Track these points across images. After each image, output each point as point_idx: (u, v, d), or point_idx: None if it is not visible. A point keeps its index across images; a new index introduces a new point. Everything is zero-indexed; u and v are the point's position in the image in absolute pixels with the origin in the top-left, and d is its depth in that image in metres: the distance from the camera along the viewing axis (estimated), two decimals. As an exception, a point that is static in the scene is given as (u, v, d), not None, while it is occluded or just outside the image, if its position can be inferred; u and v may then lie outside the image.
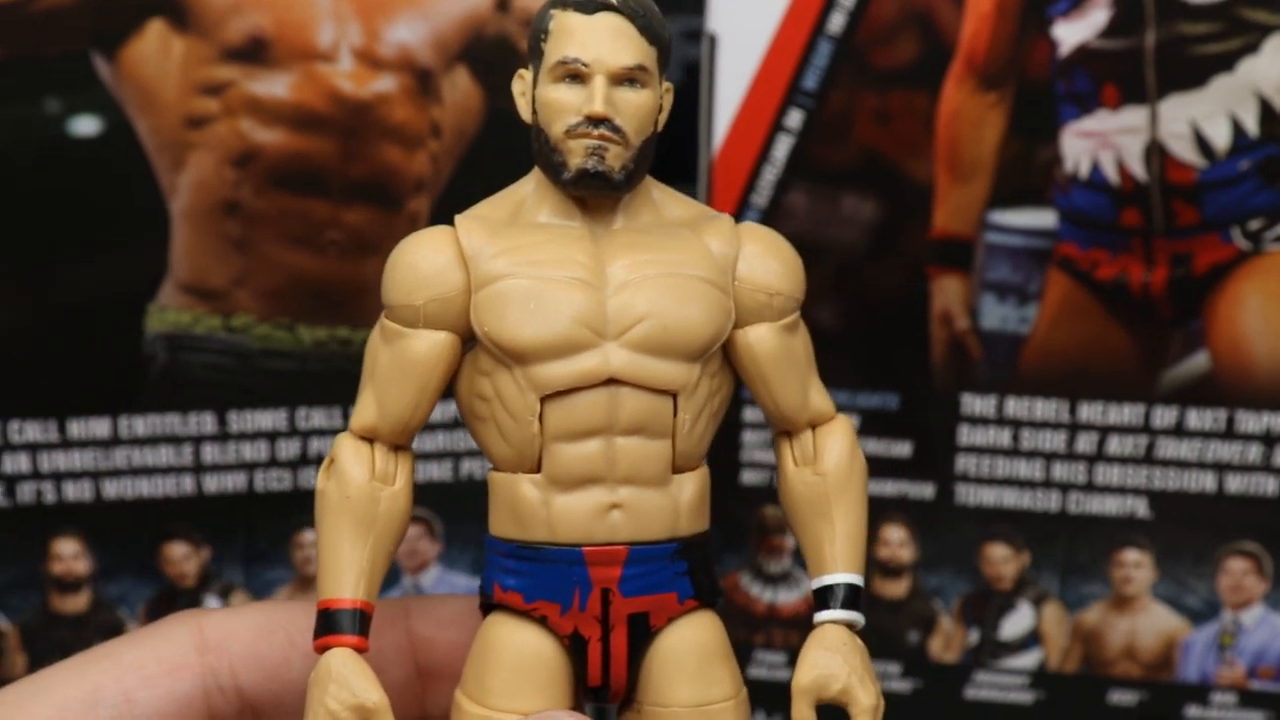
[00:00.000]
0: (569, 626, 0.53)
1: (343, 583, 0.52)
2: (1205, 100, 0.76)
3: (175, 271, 0.76)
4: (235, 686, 0.57)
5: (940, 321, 0.81)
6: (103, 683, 0.54)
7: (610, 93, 0.52)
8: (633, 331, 0.52)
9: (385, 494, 0.53)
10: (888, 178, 0.79)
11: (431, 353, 0.53)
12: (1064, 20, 0.77)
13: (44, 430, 0.77)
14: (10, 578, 0.78)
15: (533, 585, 0.53)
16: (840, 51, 0.78)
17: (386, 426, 0.54)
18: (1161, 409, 0.80)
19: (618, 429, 0.52)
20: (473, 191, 0.78)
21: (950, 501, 0.83)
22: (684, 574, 0.53)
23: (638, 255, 0.53)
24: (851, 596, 0.54)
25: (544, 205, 0.54)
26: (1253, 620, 0.83)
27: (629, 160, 0.53)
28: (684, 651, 0.53)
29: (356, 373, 0.53)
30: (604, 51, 0.52)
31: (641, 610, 0.53)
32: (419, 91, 0.77)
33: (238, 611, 0.58)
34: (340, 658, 0.51)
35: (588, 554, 0.52)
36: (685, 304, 0.52)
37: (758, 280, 0.54)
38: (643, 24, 0.53)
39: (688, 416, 0.53)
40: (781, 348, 0.54)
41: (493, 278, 0.52)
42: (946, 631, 0.85)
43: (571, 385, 0.52)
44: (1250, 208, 0.77)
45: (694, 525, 0.54)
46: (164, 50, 0.74)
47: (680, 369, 0.52)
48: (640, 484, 0.52)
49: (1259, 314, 0.79)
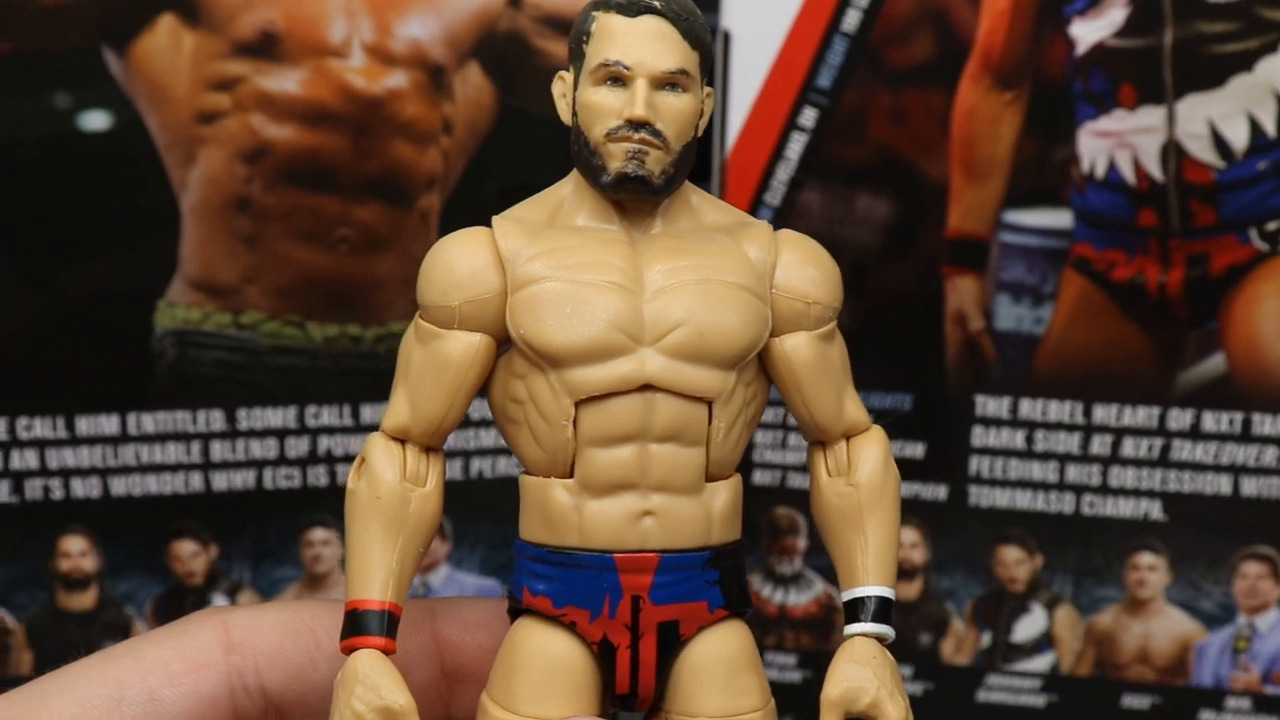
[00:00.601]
0: (598, 633, 0.52)
1: (371, 584, 0.52)
2: (1223, 100, 0.75)
3: (185, 267, 0.76)
4: (260, 686, 0.56)
5: (954, 322, 0.80)
6: (127, 680, 0.54)
7: (652, 96, 0.52)
8: (669, 337, 0.52)
9: (416, 495, 0.53)
10: (902, 177, 0.78)
11: (466, 354, 0.53)
12: (1081, 19, 0.76)
13: (52, 427, 0.77)
14: (17, 574, 0.78)
15: (562, 590, 0.52)
16: (855, 49, 0.77)
17: (419, 427, 0.54)
18: (1177, 411, 0.80)
19: (652, 435, 0.52)
20: (484, 188, 0.79)
21: (963, 503, 0.82)
22: (715, 583, 0.53)
23: (675, 260, 0.53)
24: (882, 609, 0.54)
25: (582, 208, 0.54)
26: (1268, 624, 0.82)
27: (669, 165, 0.52)
28: (713, 661, 0.53)
29: (367, 370, 0.53)
30: (646, 55, 0.52)
31: (671, 618, 0.53)
32: (431, 87, 0.77)
33: (262, 610, 0.58)
34: (367, 659, 0.51)
35: (619, 560, 0.52)
36: (722, 311, 0.52)
37: (795, 288, 0.54)
38: (686, 27, 0.52)
39: (722, 424, 0.52)
40: (818, 357, 0.54)
41: (529, 280, 0.52)
42: (959, 634, 0.84)
43: (606, 390, 0.51)
44: (1268, 208, 0.77)
45: (726, 534, 0.53)
46: (175, 45, 0.74)
47: (716, 376, 0.52)
48: (673, 491, 0.52)
49: (1276, 316, 0.78)
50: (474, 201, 0.78)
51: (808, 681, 0.85)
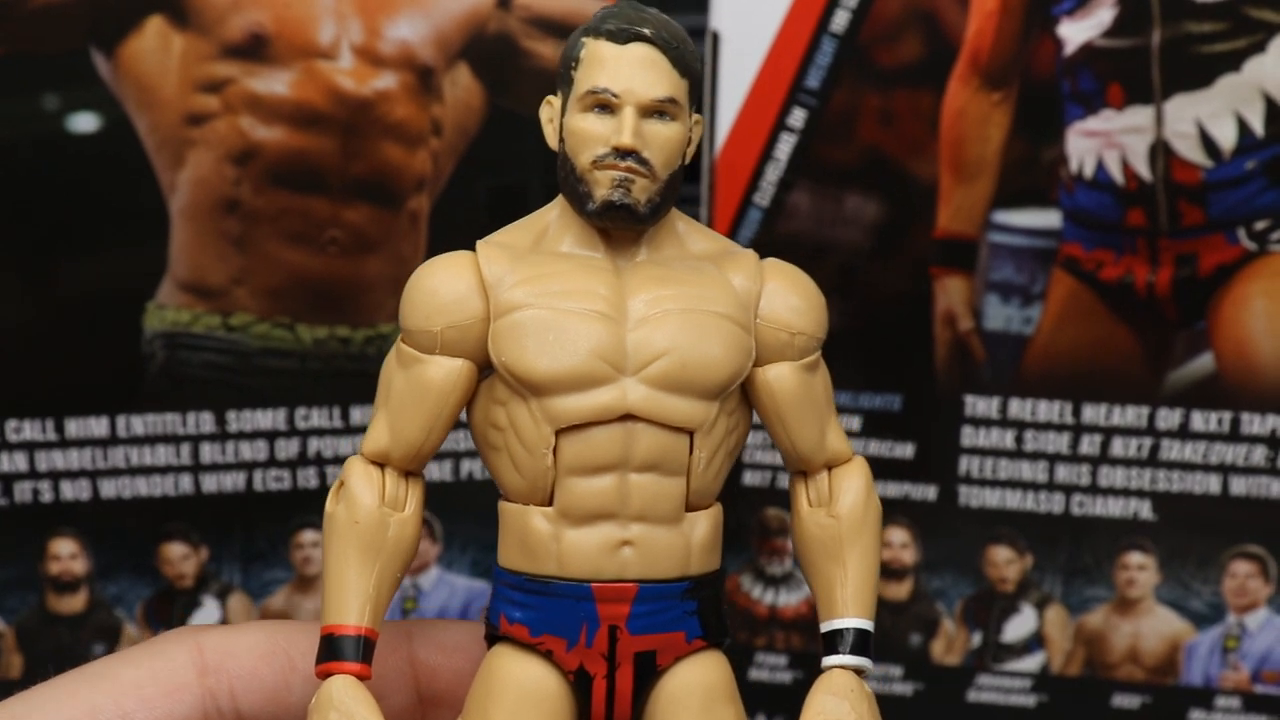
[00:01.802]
0: (574, 662, 0.52)
1: (347, 609, 0.52)
2: (1211, 100, 0.76)
3: (174, 269, 0.76)
4: (235, 710, 0.56)
5: (943, 322, 0.80)
6: (100, 703, 0.54)
7: (640, 125, 0.52)
8: (651, 367, 0.51)
9: (394, 520, 0.53)
10: (891, 177, 0.79)
11: (448, 380, 0.53)
12: (1069, 19, 0.76)
13: (41, 429, 0.76)
14: (7, 578, 0.78)
15: (540, 619, 0.52)
16: (844, 50, 0.77)
17: (399, 452, 0.53)
18: (1166, 411, 0.80)
19: (632, 465, 0.52)
20: (474, 189, 0.78)
21: (953, 503, 0.82)
22: (693, 613, 0.53)
23: (659, 289, 0.52)
24: (860, 641, 0.53)
25: (567, 234, 0.54)
26: (1257, 624, 0.82)
27: (655, 193, 0.52)
28: (689, 692, 0.53)
29: (356, 371, 0.53)
30: (635, 83, 0.52)
31: (649, 649, 0.52)
32: (420, 89, 0.77)
33: (236, 631, 0.58)
34: (342, 685, 0.51)
35: (597, 590, 0.52)
36: (705, 341, 0.52)
37: (780, 318, 0.54)
38: (675, 56, 0.52)
39: (704, 455, 0.52)
40: (801, 387, 0.54)
41: (512, 307, 0.52)
42: (949, 634, 0.84)
43: (587, 419, 0.51)
44: (1256, 208, 0.77)
45: (705, 564, 0.53)
46: (163, 47, 0.74)
47: (698, 407, 0.52)
48: (653, 521, 0.52)
49: (1264, 315, 0.78)
50: (463, 203, 0.78)
51: (798, 682, 0.85)
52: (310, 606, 0.81)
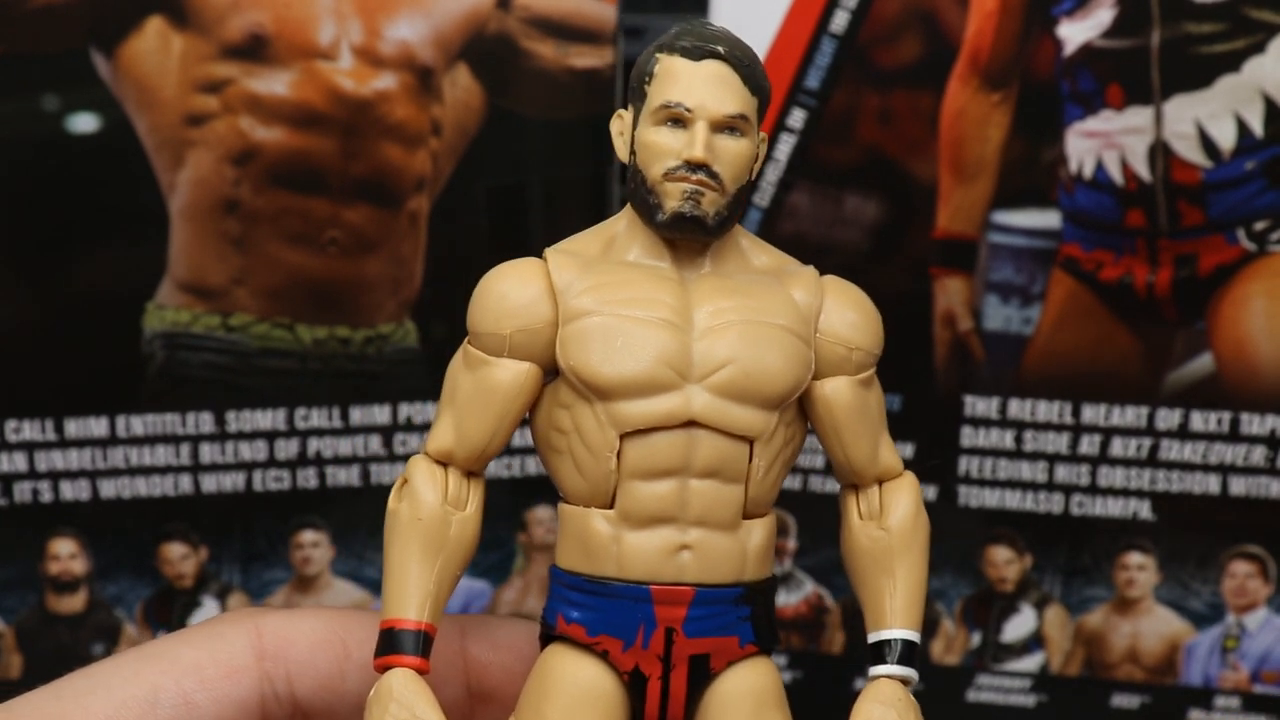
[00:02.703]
0: (630, 663, 0.53)
1: (408, 604, 0.53)
2: (1210, 100, 0.76)
3: (174, 270, 0.76)
4: (290, 695, 0.57)
5: (943, 322, 0.80)
6: (161, 683, 0.54)
7: (711, 139, 0.53)
8: (715, 376, 0.52)
9: (456, 519, 0.54)
10: (891, 178, 0.79)
11: (515, 382, 0.54)
12: (1069, 19, 0.76)
13: (41, 429, 0.76)
14: (7, 577, 0.78)
15: (597, 619, 0.53)
16: (843, 50, 0.77)
17: (463, 452, 0.54)
18: (1165, 411, 0.80)
19: (693, 471, 0.53)
20: (473, 190, 0.78)
21: (953, 503, 0.82)
22: (747, 619, 0.53)
23: (723, 301, 0.54)
24: (908, 652, 0.54)
25: (634, 244, 0.55)
26: (1256, 624, 0.82)
27: (724, 207, 0.53)
28: (740, 696, 0.54)
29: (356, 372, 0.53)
30: (708, 98, 0.53)
31: (703, 651, 0.53)
32: (420, 89, 0.77)
33: (295, 616, 0.58)
34: (402, 678, 0.52)
35: (655, 592, 0.52)
36: (768, 352, 0.53)
37: (839, 334, 0.55)
38: (747, 73, 0.53)
39: (762, 463, 0.53)
40: (857, 402, 0.55)
41: (581, 313, 0.53)
42: (948, 634, 0.84)
43: (652, 425, 0.52)
44: (1256, 208, 0.77)
45: (760, 571, 0.54)
46: (163, 47, 0.74)
47: (759, 416, 0.53)
48: (711, 527, 0.53)
49: (1264, 315, 0.78)
50: (463, 203, 0.78)
51: (798, 682, 0.85)
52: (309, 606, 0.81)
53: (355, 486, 0.80)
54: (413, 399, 0.79)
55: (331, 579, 0.81)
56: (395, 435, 0.80)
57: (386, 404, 0.79)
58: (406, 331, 0.79)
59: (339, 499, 0.80)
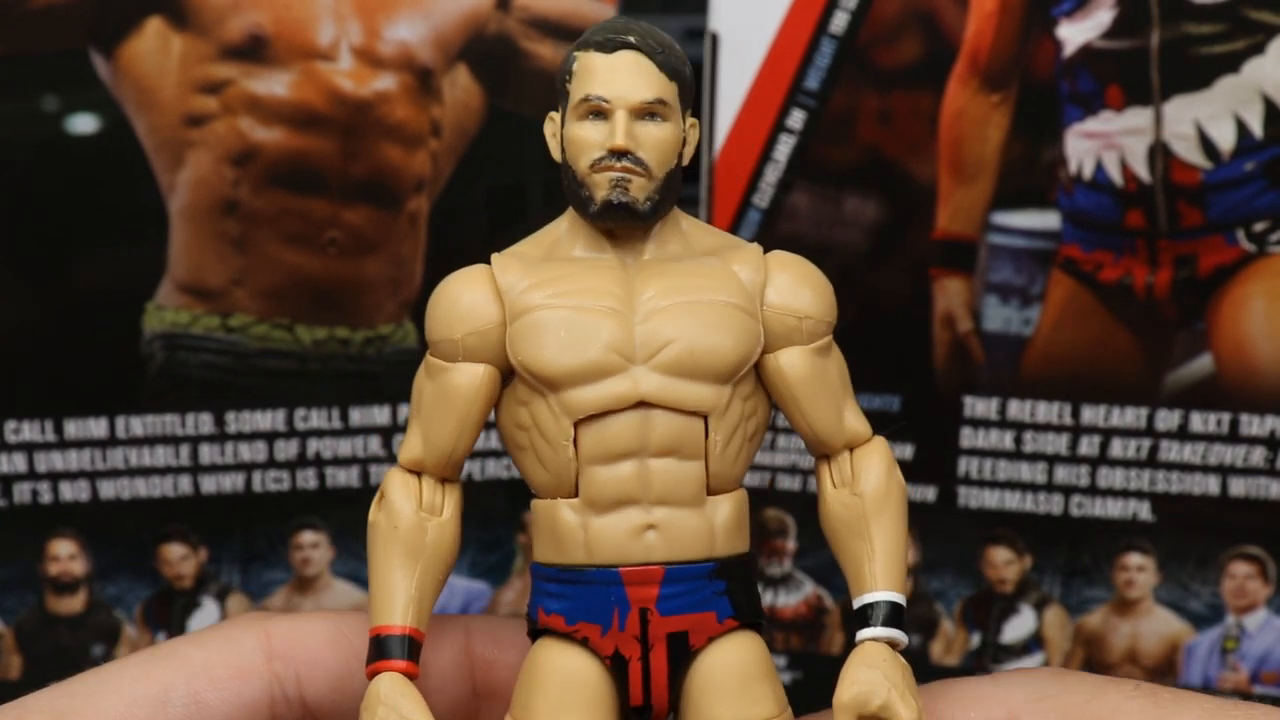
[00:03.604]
0: (610, 647, 0.53)
1: (393, 610, 0.54)
2: (1210, 101, 0.75)
3: (173, 270, 0.76)
4: (300, 696, 0.57)
5: (942, 323, 0.80)
6: (172, 682, 0.55)
7: (632, 126, 0.54)
8: (661, 355, 0.53)
9: (432, 524, 0.55)
10: (890, 178, 0.79)
11: (471, 385, 0.55)
12: (1068, 20, 0.76)
13: (41, 430, 0.76)
14: (6, 578, 0.78)
15: (574, 608, 0.54)
16: (843, 51, 0.77)
17: (431, 459, 0.56)
18: (1165, 412, 0.80)
19: (650, 451, 0.53)
20: (473, 190, 0.78)
21: (952, 504, 0.82)
22: (723, 593, 0.54)
23: (666, 283, 0.54)
24: (893, 614, 0.54)
25: (577, 240, 0.56)
26: (1256, 624, 0.82)
27: (653, 191, 0.54)
28: (725, 671, 0.54)
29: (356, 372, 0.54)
30: (624, 87, 0.54)
31: (680, 629, 0.54)
32: (419, 90, 0.77)
33: (304, 619, 0.59)
34: (389, 682, 0.53)
35: (625, 574, 0.53)
36: (712, 328, 0.54)
37: (787, 305, 0.55)
38: (661, 60, 0.54)
39: (719, 438, 0.54)
40: (813, 371, 0.55)
41: (526, 309, 0.54)
42: (948, 635, 0.84)
43: (603, 409, 0.53)
44: (1255, 209, 0.77)
45: (731, 546, 0.54)
46: (163, 48, 0.74)
47: (710, 391, 0.53)
48: (675, 504, 0.53)
49: (1263, 316, 0.78)
50: (462, 204, 0.78)
51: (797, 683, 0.85)
52: (309, 607, 0.81)
53: (355, 487, 0.80)
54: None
55: (331, 580, 0.82)
56: (395, 436, 0.80)
57: (386, 405, 0.79)
58: (406, 332, 0.79)
59: (338, 500, 0.81)
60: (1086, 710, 0.55)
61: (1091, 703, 0.55)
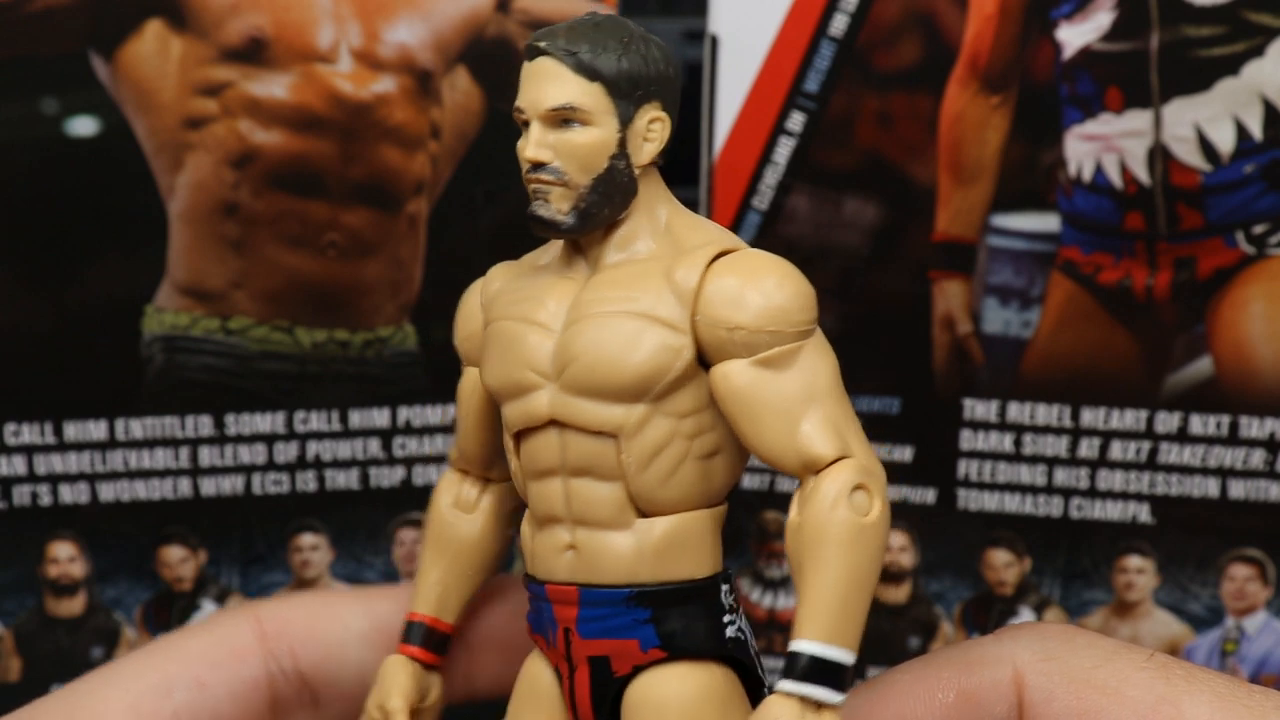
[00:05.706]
0: (553, 659, 0.54)
1: (418, 599, 0.59)
2: (1209, 103, 0.75)
3: (173, 273, 0.76)
4: (296, 669, 0.61)
5: (942, 325, 0.80)
6: (174, 671, 0.59)
7: (546, 136, 0.52)
8: (566, 373, 0.51)
9: (463, 520, 0.59)
10: (890, 181, 0.79)
11: (471, 386, 0.58)
12: (1068, 23, 0.76)
13: (40, 433, 0.76)
14: (6, 580, 0.78)
15: (531, 618, 0.55)
16: (842, 53, 0.77)
17: (463, 458, 0.59)
18: (1164, 414, 0.80)
19: (567, 469, 0.52)
20: (473, 193, 0.78)
21: (952, 507, 0.82)
22: (646, 621, 0.50)
23: (596, 294, 0.52)
24: (814, 669, 0.47)
25: (555, 249, 0.55)
26: (1256, 627, 0.82)
27: (578, 200, 0.51)
28: (655, 704, 0.50)
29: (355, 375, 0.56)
30: (535, 95, 0.52)
31: (600, 654, 0.51)
32: (419, 93, 0.77)
33: (290, 600, 0.64)
34: (391, 664, 0.58)
35: (549, 591, 0.52)
36: (612, 343, 0.50)
37: (716, 315, 0.50)
38: (575, 62, 0.51)
39: (632, 459, 0.50)
40: (751, 386, 0.50)
41: (489, 320, 0.55)
42: (948, 637, 0.84)
43: (522, 426, 0.53)
44: (1254, 212, 0.77)
45: (662, 572, 0.51)
46: (162, 51, 0.74)
47: (615, 410, 0.51)
48: (593, 526, 0.51)
49: (1263, 319, 0.78)
50: (462, 206, 0.78)
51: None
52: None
53: (354, 490, 0.80)
54: (412, 402, 0.79)
55: (330, 582, 0.81)
56: (394, 438, 0.80)
57: (385, 407, 0.79)
58: (405, 334, 0.79)
59: (338, 502, 0.80)
60: (1093, 676, 0.52)
61: (1099, 669, 0.53)
